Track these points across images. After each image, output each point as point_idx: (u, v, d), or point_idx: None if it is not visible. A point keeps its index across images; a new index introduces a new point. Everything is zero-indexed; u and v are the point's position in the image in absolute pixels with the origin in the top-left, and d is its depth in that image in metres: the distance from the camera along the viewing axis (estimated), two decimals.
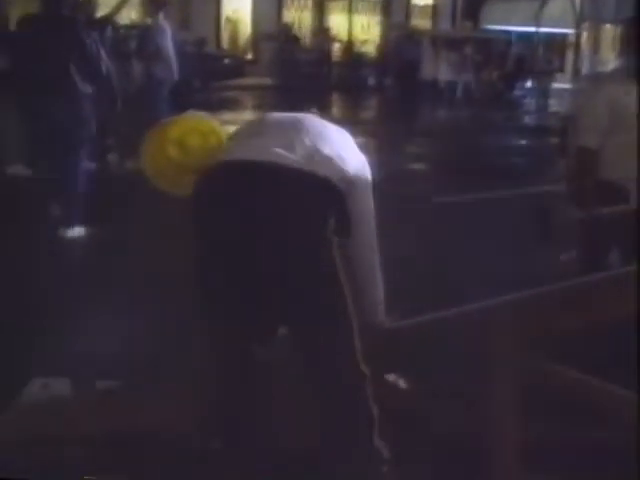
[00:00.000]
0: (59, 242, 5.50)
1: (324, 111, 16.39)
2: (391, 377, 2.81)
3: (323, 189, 2.36)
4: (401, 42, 18.23)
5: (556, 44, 24.56)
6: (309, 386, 2.46)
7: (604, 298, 2.51)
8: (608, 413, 2.56)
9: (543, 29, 20.74)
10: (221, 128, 2.74)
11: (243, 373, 2.49)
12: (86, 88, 5.80)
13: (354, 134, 2.63)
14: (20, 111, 6.34)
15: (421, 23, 24.21)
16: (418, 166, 9.40)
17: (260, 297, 2.34)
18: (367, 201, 2.53)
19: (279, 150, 2.37)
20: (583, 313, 2.50)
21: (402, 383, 2.83)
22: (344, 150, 2.49)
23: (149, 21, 10.41)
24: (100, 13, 8.54)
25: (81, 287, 4.51)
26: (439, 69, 18.88)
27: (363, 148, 2.60)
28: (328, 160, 2.40)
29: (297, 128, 2.48)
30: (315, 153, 2.40)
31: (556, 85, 19.62)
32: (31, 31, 5.89)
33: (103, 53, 6.01)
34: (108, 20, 8.66)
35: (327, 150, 2.42)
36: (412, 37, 18.69)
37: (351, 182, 2.44)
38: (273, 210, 2.31)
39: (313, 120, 2.57)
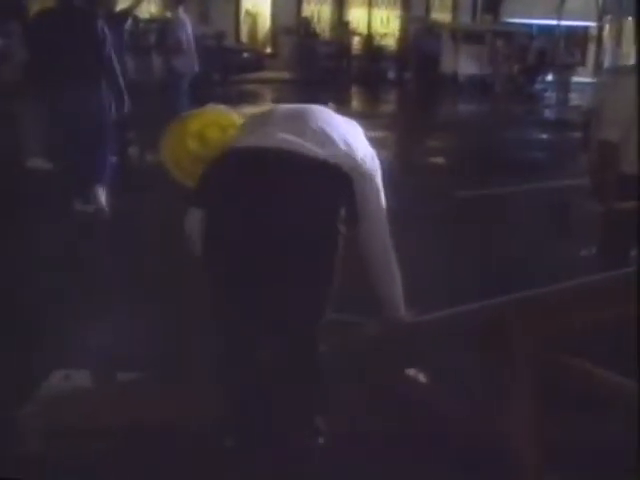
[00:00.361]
0: (81, 234, 5.52)
1: (344, 105, 16.37)
2: (411, 372, 2.80)
3: (334, 177, 2.37)
4: (421, 35, 18.10)
5: (578, 37, 24.32)
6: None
7: (618, 295, 2.48)
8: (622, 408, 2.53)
9: (564, 22, 20.55)
10: (240, 121, 2.74)
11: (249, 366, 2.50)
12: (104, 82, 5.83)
13: (374, 127, 2.63)
14: (40, 105, 6.38)
15: (441, 16, 24.06)
16: (438, 160, 9.35)
17: (263, 278, 2.34)
18: (377, 194, 2.52)
19: (289, 137, 2.38)
20: (599, 310, 2.48)
21: (422, 378, 2.82)
22: (354, 141, 2.49)
23: (169, 15, 10.42)
24: (120, 7, 8.54)
25: (103, 279, 4.53)
26: (459, 63, 18.78)
27: (383, 142, 2.59)
28: (337, 149, 2.40)
29: (305, 118, 2.49)
30: (325, 141, 2.40)
31: (577, 79, 19.44)
32: (51, 24, 5.91)
33: (117, 48, 6.05)
34: (128, 14, 8.67)
35: (336, 139, 2.42)
36: (432, 30, 18.56)
37: (360, 174, 2.44)
38: (283, 196, 2.31)
39: (322, 110, 2.58)
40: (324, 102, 11.94)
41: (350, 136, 2.50)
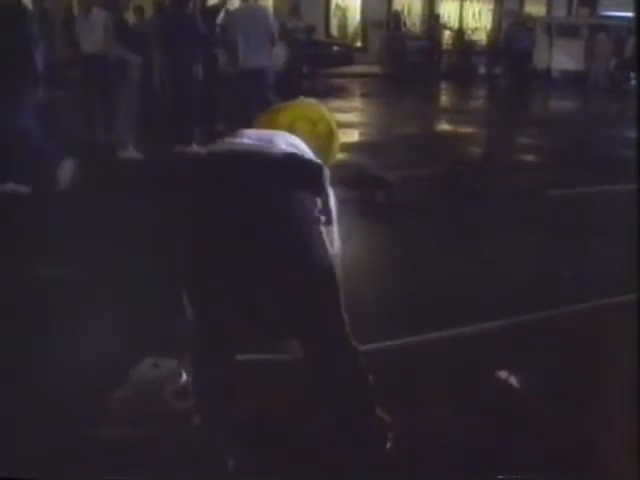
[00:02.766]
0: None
1: (433, 100, 16.21)
2: (503, 374, 2.74)
3: (308, 167, 2.45)
4: (514, 30, 17.76)
5: None
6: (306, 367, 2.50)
7: None
8: None
9: None
10: (330, 115, 2.72)
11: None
12: (199, 72, 5.95)
13: (464, 124, 2.58)
14: (132, 94, 6.51)
15: (535, 10, 23.53)
16: (530, 157, 9.14)
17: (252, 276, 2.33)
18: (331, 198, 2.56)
19: (261, 142, 2.46)
20: None
21: (513, 380, 2.75)
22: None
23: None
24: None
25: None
26: (553, 57, 18.31)
27: (473, 139, 2.55)
28: (303, 151, 2.49)
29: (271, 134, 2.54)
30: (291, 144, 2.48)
31: None
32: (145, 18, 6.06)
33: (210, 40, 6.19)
34: (220, 7, 8.83)
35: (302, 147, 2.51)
36: (525, 24, 18.18)
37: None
38: (262, 191, 2.34)
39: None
40: (413, 96, 11.88)
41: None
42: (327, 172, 2.52)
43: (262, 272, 2.32)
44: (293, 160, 2.43)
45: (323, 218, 2.43)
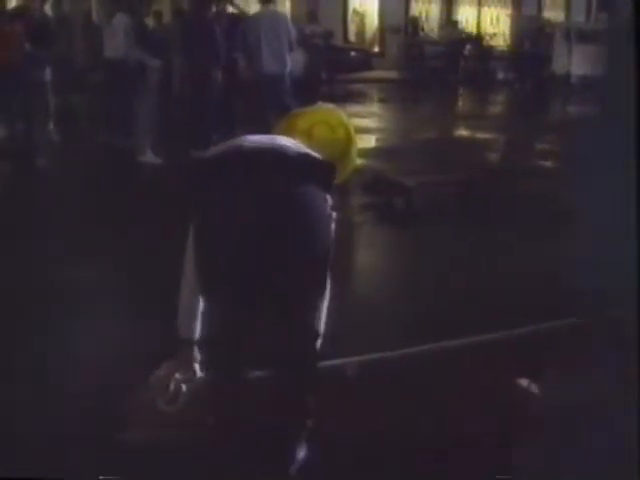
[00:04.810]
0: None
1: (451, 105, 16.16)
2: (524, 382, 2.73)
3: (320, 164, 2.44)
4: (532, 35, 17.71)
5: None
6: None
7: None
8: None
9: None
10: (349, 121, 2.72)
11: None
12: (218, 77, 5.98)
13: (482, 129, 2.57)
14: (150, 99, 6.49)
15: (553, 15, 23.44)
16: (549, 163, 9.09)
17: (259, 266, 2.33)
18: None
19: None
20: None
21: (534, 388, 2.74)
22: None
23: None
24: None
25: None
26: (572, 63, 18.21)
27: (492, 144, 2.54)
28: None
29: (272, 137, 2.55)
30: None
31: None
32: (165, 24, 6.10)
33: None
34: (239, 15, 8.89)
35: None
36: (544, 30, 18.11)
37: None
38: (279, 190, 2.32)
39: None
40: (431, 101, 11.86)
41: None
42: (336, 171, 2.52)
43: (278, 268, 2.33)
44: (306, 156, 2.43)
45: (334, 214, 2.44)
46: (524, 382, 2.72)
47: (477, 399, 2.94)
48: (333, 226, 2.43)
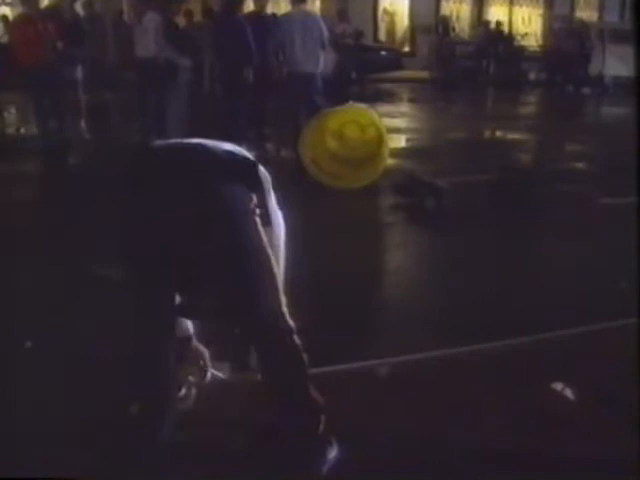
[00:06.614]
0: None
1: (482, 106, 16.05)
2: (558, 386, 2.69)
3: (241, 162, 2.46)
4: (564, 35, 17.53)
5: None
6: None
7: None
8: None
9: None
10: (380, 120, 2.70)
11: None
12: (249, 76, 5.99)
13: (514, 130, 2.53)
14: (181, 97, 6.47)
15: (586, 15, 23.21)
16: (581, 165, 8.97)
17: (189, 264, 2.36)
18: (273, 200, 2.56)
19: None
20: None
21: (568, 392, 2.69)
22: None
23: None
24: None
25: None
26: (605, 63, 18.00)
27: (523, 145, 2.49)
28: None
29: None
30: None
31: None
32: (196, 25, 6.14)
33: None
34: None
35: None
36: (576, 30, 17.92)
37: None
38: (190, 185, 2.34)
39: None
40: (462, 102, 11.80)
41: None
42: (266, 174, 2.53)
43: (199, 257, 2.36)
44: (227, 153, 2.45)
45: (258, 211, 2.43)
46: (558, 386, 2.67)
47: (511, 404, 2.90)
48: (257, 220, 2.42)
